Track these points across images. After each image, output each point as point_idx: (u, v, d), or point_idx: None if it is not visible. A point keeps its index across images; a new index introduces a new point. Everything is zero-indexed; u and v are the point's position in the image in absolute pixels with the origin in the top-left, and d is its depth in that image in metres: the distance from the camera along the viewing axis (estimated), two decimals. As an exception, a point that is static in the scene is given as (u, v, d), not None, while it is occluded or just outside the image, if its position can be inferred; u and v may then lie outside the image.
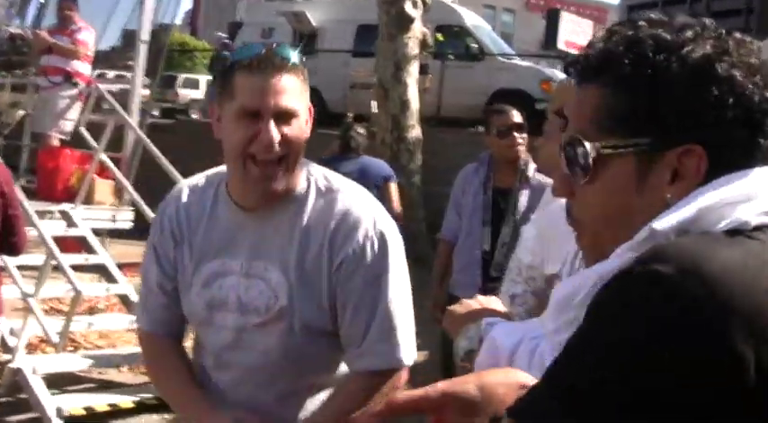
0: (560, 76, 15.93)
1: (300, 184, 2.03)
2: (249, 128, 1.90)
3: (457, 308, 1.83)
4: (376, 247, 1.99)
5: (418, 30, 11.85)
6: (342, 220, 1.99)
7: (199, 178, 2.17)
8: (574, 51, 26.16)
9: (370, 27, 15.77)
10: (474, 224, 4.67)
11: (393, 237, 2.03)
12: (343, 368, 2.09)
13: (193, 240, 2.08)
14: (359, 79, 14.97)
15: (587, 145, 1.11)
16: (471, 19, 16.27)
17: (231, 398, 2.07)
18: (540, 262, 3.39)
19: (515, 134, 4.65)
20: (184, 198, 2.13)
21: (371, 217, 2.02)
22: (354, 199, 2.04)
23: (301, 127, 1.96)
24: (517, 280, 3.48)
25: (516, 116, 4.67)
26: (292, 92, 1.92)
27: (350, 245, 1.97)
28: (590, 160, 1.11)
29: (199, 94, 22.12)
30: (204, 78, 22.89)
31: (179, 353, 2.20)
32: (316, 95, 14.90)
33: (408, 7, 11.56)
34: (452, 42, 15.20)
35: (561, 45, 25.21)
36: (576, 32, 26.51)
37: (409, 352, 2.05)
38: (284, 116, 1.92)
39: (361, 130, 6.19)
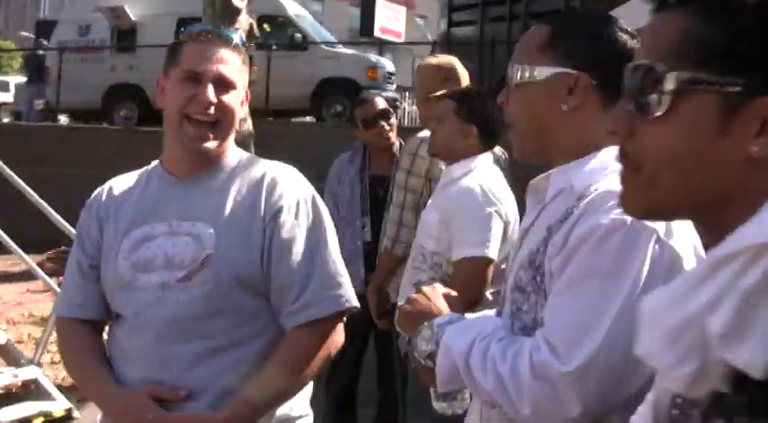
0: (386, 62, 16.20)
1: (230, 155, 2.17)
2: (189, 89, 2.04)
3: (407, 306, 1.83)
4: (309, 202, 2.12)
5: (245, 21, 11.66)
6: (275, 180, 2.11)
7: (130, 172, 2.29)
8: (390, 38, 26.61)
9: (191, 20, 15.47)
10: (353, 214, 4.63)
11: (319, 198, 2.18)
12: (261, 339, 2.08)
13: (120, 213, 2.15)
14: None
15: (669, 76, 0.97)
16: (294, 8, 16.25)
17: (144, 363, 2.04)
18: (446, 247, 3.42)
19: (382, 122, 4.62)
20: (115, 183, 2.24)
21: (301, 179, 2.18)
22: (282, 166, 2.20)
23: (237, 99, 2.11)
24: (422, 267, 3.50)
25: (381, 103, 4.67)
26: (232, 65, 2.09)
27: (283, 199, 2.08)
28: (668, 94, 0.98)
29: (9, 97, 20.92)
30: (14, 80, 21.71)
31: (91, 335, 2.19)
32: (139, 94, 14.54)
33: (234, -2, 11.34)
34: (276, 33, 15.08)
35: (377, 32, 25.53)
36: (390, 18, 26.97)
37: (352, 293, 2.13)
38: (223, 84, 2.06)
39: None
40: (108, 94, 15.91)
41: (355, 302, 2.11)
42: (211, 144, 2.08)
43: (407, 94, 16.58)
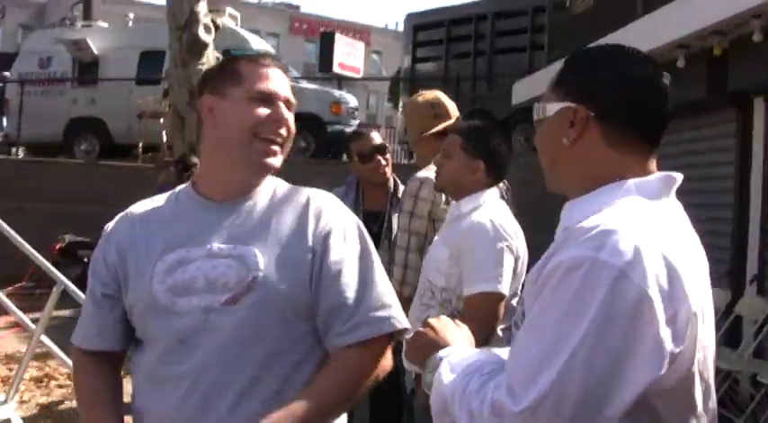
0: (349, 98, 16.21)
1: (267, 181, 2.14)
2: (261, 109, 2.04)
3: (416, 339, 1.85)
4: (354, 224, 2.12)
5: (211, 55, 11.61)
6: (321, 206, 2.10)
7: (149, 199, 2.23)
8: (348, 73, 26.64)
9: (154, 53, 15.39)
10: None
11: (362, 224, 2.15)
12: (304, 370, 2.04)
13: (152, 238, 2.08)
14: (147, 108, 14.50)
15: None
16: (257, 43, 16.26)
17: (189, 389, 1.96)
18: (457, 283, 3.37)
19: (379, 157, 4.58)
20: (138, 210, 2.17)
21: (339, 205, 2.15)
22: (323, 193, 2.19)
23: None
24: (431, 304, 3.44)
25: (376, 138, 4.63)
26: (289, 89, 2.12)
27: (333, 223, 2.07)
28: None
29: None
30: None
31: (105, 371, 2.14)
32: (100, 127, 14.39)
33: (201, 32, 11.35)
34: (241, 67, 15.01)
35: (336, 68, 25.58)
36: (348, 55, 27.07)
37: (403, 316, 2.09)
38: (288, 105, 2.09)
39: (195, 159, 5.98)
40: (69, 128, 15.72)
41: (406, 323, 2.07)
42: (278, 161, 2.08)
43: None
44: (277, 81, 2.08)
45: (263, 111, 2.04)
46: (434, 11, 17.16)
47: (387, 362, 2.06)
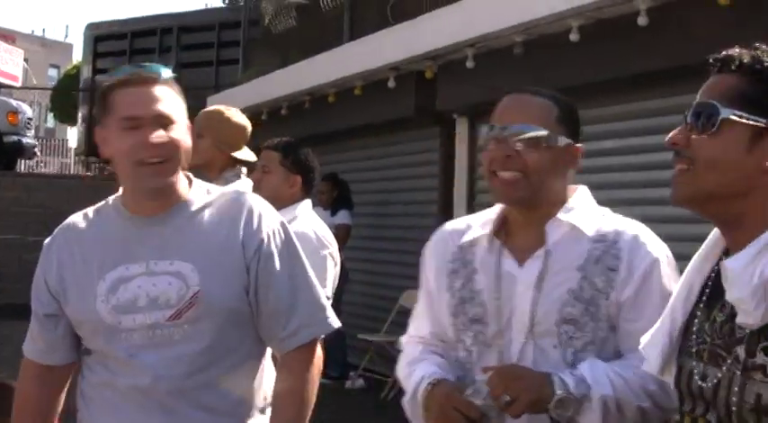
0: (26, 108, 15.41)
1: (194, 188, 2.18)
2: (133, 135, 2.03)
3: (517, 388, 1.94)
4: (283, 231, 2.19)
5: None
6: (249, 210, 2.15)
7: (87, 210, 2.24)
8: (8, 81, 25.05)
9: None
10: None
11: (285, 223, 2.25)
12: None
13: (88, 254, 2.13)
14: None
15: (722, 110, 1.51)
16: None
17: (144, 402, 2.07)
18: None
19: None
20: (72, 224, 2.21)
21: (268, 208, 2.22)
22: (249, 195, 2.26)
23: (181, 132, 2.09)
24: None
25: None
26: (167, 100, 2.07)
27: (262, 230, 2.13)
28: (718, 120, 1.51)
29: None
30: None
31: (48, 392, 2.23)
32: None
33: None
34: None
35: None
36: (7, 62, 25.44)
37: (334, 314, 2.24)
38: (163, 121, 2.05)
39: None
40: None
41: (338, 323, 2.24)
42: (169, 179, 2.09)
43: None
44: (144, 100, 2.03)
45: (135, 137, 2.03)
46: (117, 22, 16.81)
47: (321, 356, 2.23)
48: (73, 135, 25.06)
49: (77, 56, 28.82)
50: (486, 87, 6.74)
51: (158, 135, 2.03)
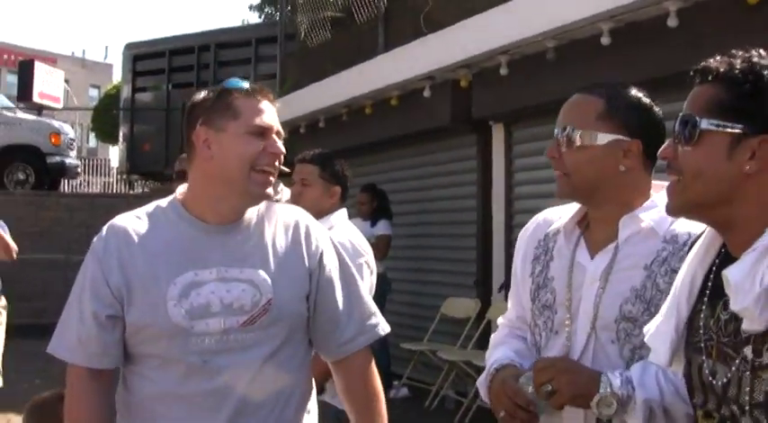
0: (68, 129, 15.68)
1: None
2: (257, 143, 2.16)
3: (569, 384, 1.97)
4: (330, 241, 2.36)
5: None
6: (306, 226, 2.30)
7: (136, 212, 2.29)
8: (50, 103, 25.49)
9: None
10: None
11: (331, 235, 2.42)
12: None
13: (151, 259, 2.17)
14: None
15: (700, 121, 1.58)
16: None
17: (217, 407, 2.14)
18: None
19: None
20: (125, 226, 2.23)
21: (318, 223, 2.38)
22: (298, 209, 2.43)
23: None
24: None
25: None
26: (278, 118, 2.25)
27: (320, 244, 2.29)
28: (698, 131, 1.58)
29: None
30: None
31: (105, 395, 2.23)
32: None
33: None
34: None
35: (36, 97, 24.37)
36: (48, 83, 25.84)
37: (384, 320, 2.39)
38: (279, 137, 2.23)
39: None
40: None
41: (388, 328, 2.39)
42: (272, 191, 2.21)
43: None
44: (270, 114, 2.19)
45: (260, 144, 2.15)
46: (155, 41, 17.07)
47: None
48: (115, 154, 25.43)
49: (117, 76, 29.26)
50: (520, 93, 6.79)
51: (280, 146, 2.20)
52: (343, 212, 3.89)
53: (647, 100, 2.14)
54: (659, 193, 2.09)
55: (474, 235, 8.10)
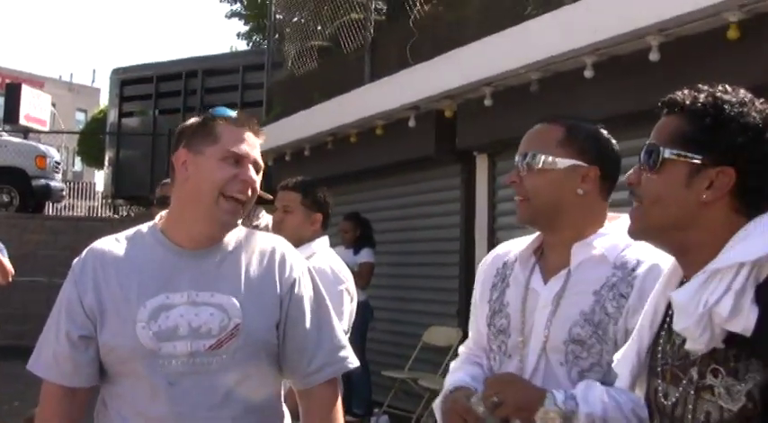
0: (54, 152, 15.68)
1: (232, 230, 2.32)
2: (230, 169, 2.20)
3: (513, 396, 2.07)
4: (309, 274, 2.36)
5: None
6: (282, 253, 2.31)
7: (116, 235, 2.33)
8: (36, 126, 25.48)
9: None
10: None
11: (309, 266, 2.41)
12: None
13: (126, 281, 2.21)
14: None
15: (662, 150, 1.67)
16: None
17: None
18: None
19: None
20: (104, 249, 2.28)
21: (295, 251, 2.39)
22: (277, 238, 2.43)
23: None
24: None
25: None
26: (259, 150, 2.28)
27: (294, 272, 2.29)
28: (660, 159, 1.67)
29: None
30: None
31: (76, 411, 2.27)
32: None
33: None
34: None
35: (23, 120, 24.39)
36: (35, 106, 25.84)
37: (353, 354, 2.38)
38: (255, 167, 2.25)
39: None
40: None
41: (357, 362, 2.37)
42: (238, 220, 2.26)
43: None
44: (249, 143, 2.22)
45: (233, 171, 2.19)
46: (142, 66, 17.11)
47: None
48: (100, 178, 25.36)
49: (104, 100, 29.29)
50: (504, 124, 6.85)
51: (253, 176, 2.22)
52: (324, 240, 3.92)
53: (604, 131, 2.26)
54: (612, 222, 2.20)
55: (457, 264, 8.13)
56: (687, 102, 1.68)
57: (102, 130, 20.50)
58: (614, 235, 2.18)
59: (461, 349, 2.48)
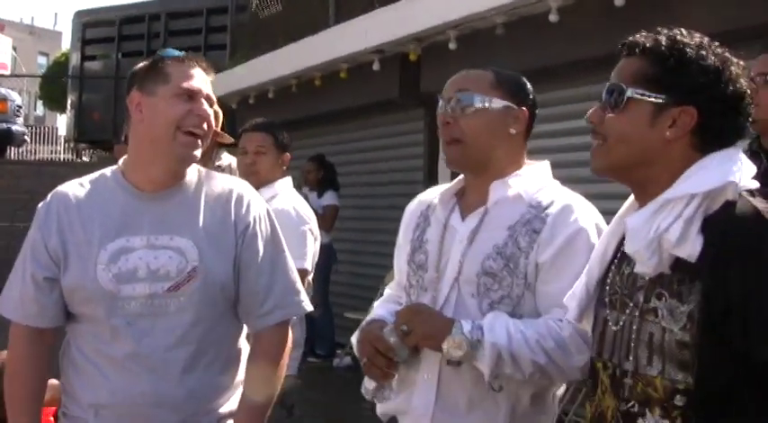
0: (15, 96, 15.42)
1: (190, 171, 2.34)
2: (185, 105, 2.23)
3: (422, 324, 2.15)
4: (267, 217, 2.36)
5: None
6: (239, 195, 2.33)
7: (80, 179, 2.36)
8: (-3, 69, 24.95)
9: None
10: None
11: (269, 209, 2.42)
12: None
13: (87, 224, 2.25)
14: None
15: (627, 90, 1.72)
16: None
17: (137, 369, 2.20)
18: None
19: None
20: (68, 193, 2.31)
21: (256, 194, 2.41)
22: (238, 181, 2.46)
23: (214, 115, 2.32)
24: None
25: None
26: (210, 85, 2.31)
27: (250, 214, 2.31)
28: (624, 99, 1.72)
29: None
30: None
31: (43, 352, 2.32)
32: None
33: None
34: None
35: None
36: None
37: (307, 299, 2.41)
38: (209, 102, 2.28)
39: None
40: None
41: (311, 307, 2.40)
42: (198, 153, 2.27)
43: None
44: (199, 79, 2.27)
45: (187, 106, 2.22)
46: (105, 9, 16.78)
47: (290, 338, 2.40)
48: (62, 122, 25.07)
49: (66, 43, 28.80)
50: (469, 69, 6.85)
51: (206, 109, 2.25)
52: (288, 180, 3.94)
53: (524, 78, 2.34)
54: (528, 167, 2.29)
55: (420, 208, 8.16)
56: (648, 44, 1.73)
57: (64, 74, 20.18)
58: (530, 176, 2.27)
59: (386, 290, 2.54)
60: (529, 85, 2.34)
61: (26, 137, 16.65)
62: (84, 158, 18.92)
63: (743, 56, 1.79)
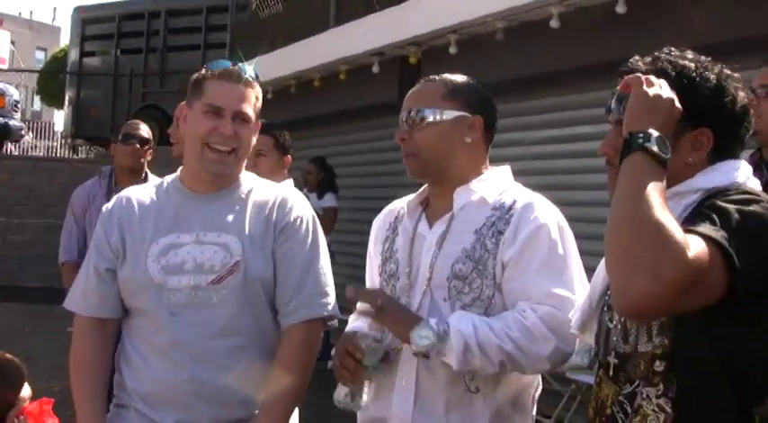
0: (13, 91, 15.42)
1: (243, 177, 2.49)
2: (211, 121, 2.34)
3: (390, 313, 2.22)
4: (310, 222, 2.46)
5: None
6: (284, 199, 2.44)
7: (145, 184, 2.62)
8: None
9: None
10: None
11: (317, 219, 2.51)
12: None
13: (143, 222, 2.42)
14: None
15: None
16: None
17: (179, 357, 2.31)
18: None
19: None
20: (130, 196, 2.50)
21: (304, 200, 2.51)
22: (289, 188, 2.60)
23: (251, 131, 2.43)
24: None
25: (144, 130, 4.70)
26: (248, 101, 2.39)
27: (290, 216, 2.42)
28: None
29: None
30: None
31: (106, 341, 2.46)
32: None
33: None
34: None
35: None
36: (-7, 44, 25.41)
37: (336, 306, 2.46)
38: (240, 118, 2.36)
39: None
40: None
41: (338, 314, 2.44)
42: (228, 169, 2.38)
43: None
44: (230, 95, 2.35)
45: (213, 123, 2.34)
46: (105, 5, 16.83)
47: (319, 343, 2.46)
48: (59, 118, 25.01)
49: (65, 39, 28.78)
50: (468, 73, 6.85)
51: (229, 128, 2.34)
52: (289, 182, 3.93)
53: (479, 84, 2.40)
54: (489, 171, 2.36)
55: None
56: (652, 69, 1.73)
57: (62, 70, 20.16)
58: (493, 180, 2.34)
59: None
60: (485, 92, 2.39)
61: (23, 132, 16.66)
62: (82, 155, 18.90)
63: (737, 68, 1.80)
